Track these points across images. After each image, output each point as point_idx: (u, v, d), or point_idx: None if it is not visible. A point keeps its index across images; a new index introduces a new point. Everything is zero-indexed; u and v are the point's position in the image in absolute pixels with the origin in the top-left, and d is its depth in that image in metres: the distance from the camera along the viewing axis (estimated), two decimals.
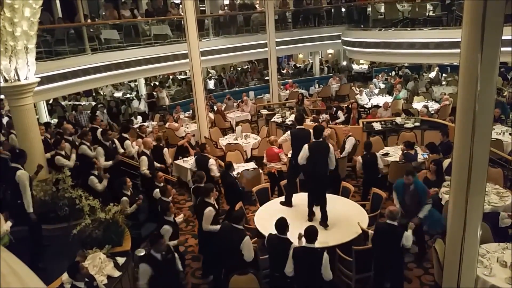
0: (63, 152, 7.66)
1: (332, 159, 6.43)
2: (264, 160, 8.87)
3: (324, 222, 6.42)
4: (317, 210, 6.72)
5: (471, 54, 4.05)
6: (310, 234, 4.99)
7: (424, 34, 13.20)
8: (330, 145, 6.52)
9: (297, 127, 7.08)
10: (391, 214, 5.33)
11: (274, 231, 5.30)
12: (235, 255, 5.30)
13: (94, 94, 18.08)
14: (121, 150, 8.62)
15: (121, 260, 5.47)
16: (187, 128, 12.40)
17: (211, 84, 18.56)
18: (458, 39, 4.27)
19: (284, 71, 21.07)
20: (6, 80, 6.41)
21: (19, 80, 6.47)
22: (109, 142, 8.22)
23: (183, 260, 6.32)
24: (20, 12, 6.03)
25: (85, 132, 8.33)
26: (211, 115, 13.11)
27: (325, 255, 4.88)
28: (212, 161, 8.06)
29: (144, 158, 8.12)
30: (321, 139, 6.56)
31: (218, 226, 5.92)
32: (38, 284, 1.86)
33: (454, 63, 15.92)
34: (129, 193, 6.83)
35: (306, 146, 6.45)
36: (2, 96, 7.35)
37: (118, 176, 7.31)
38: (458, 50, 4.25)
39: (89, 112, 13.90)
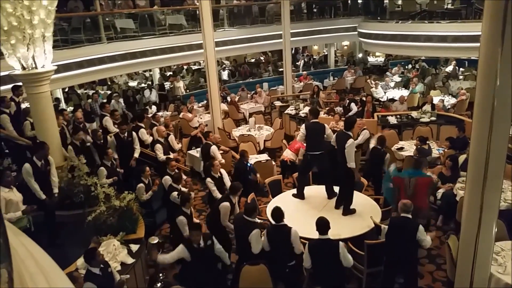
0: (77, 143, 7.71)
1: (348, 152, 6.31)
2: (287, 147, 9.12)
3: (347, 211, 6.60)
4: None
5: (491, 48, 3.97)
6: (322, 225, 5.04)
7: (442, 27, 12.97)
8: (350, 140, 6.37)
9: (312, 120, 7.04)
10: (404, 206, 5.29)
11: (287, 223, 5.35)
12: (246, 245, 5.40)
13: (109, 83, 18.21)
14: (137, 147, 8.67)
15: (134, 247, 5.56)
16: (201, 118, 12.44)
17: (224, 75, 18.56)
18: (477, 33, 4.18)
19: (299, 63, 20.94)
20: (23, 68, 6.48)
21: (36, 68, 6.52)
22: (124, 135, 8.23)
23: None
24: (38, 1, 6.08)
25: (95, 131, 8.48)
26: (224, 106, 13.12)
27: (341, 243, 4.98)
28: (214, 148, 8.31)
29: (158, 145, 8.39)
30: (348, 132, 6.50)
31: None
32: (54, 269, 1.88)
33: (472, 57, 15.62)
34: (146, 181, 6.95)
35: (335, 134, 6.68)
36: (20, 83, 7.43)
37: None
38: (477, 44, 4.17)
39: (105, 101, 14.03)
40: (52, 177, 6.32)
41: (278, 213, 5.31)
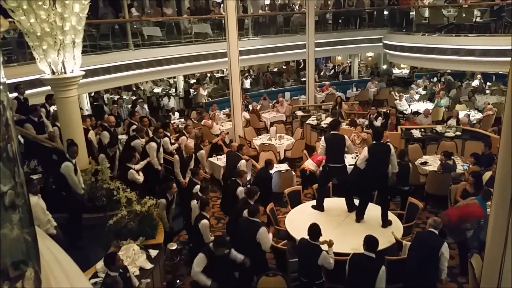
0: (110, 154, 7.77)
1: (393, 161, 6.36)
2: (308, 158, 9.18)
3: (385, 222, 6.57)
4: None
5: None
6: (371, 243, 4.94)
7: (469, 41, 12.74)
8: (392, 148, 6.44)
9: (331, 132, 7.01)
10: (434, 223, 5.27)
11: (305, 235, 5.30)
12: (254, 247, 5.47)
13: (134, 89, 18.55)
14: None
15: (153, 252, 5.60)
16: (222, 126, 12.52)
17: (247, 84, 18.66)
18: (506, 47, 4.13)
19: (322, 73, 20.88)
20: (53, 73, 6.67)
21: (65, 72, 6.71)
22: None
23: None
24: (70, 8, 6.26)
25: (141, 129, 8.57)
26: (246, 114, 13.18)
27: (383, 268, 4.81)
28: (243, 162, 8.21)
29: (176, 157, 8.14)
30: (382, 142, 6.54)
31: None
32: (77, 272, 1.92)
33: (500, 72, 15.29)
34: (170, 197, 6.85)
35: (365, 148, 6.63)
36: (49, 87, 7.63)
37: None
38: (506, 58, 4.12)
39: (129, 106, 14.28)
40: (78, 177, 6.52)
41: (315, 230, 5.23)
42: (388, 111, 12.05)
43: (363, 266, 4.92)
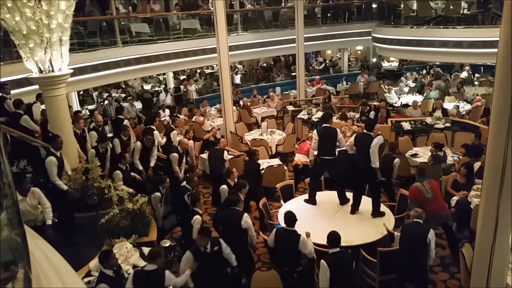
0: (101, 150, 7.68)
1: (372, 154, 6.30)
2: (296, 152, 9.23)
3: (376, 213, 6.60)
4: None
5: (509, 53, 3.91)
6: (333, 240, 5.01)
7: (457, 33, 12.85)
8: (376, 139, 6.39)
9: (323, 125, 7.04)
10: (416, 213, 5.43)
11: (298, 230, 5.36)
12: (240, 236, 5.59)
13: (123, 87, 18.38)
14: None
15: (146, 250, 5.56)
16: (213, 122, 12.49)
17: (237, 79, 18.61)
18: (493, 38, 4.16)
19: (312, 67, 20.89)
20: (41, 71, 6.59)
21: (53, 71, 6.63)
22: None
23: None
24: (56, 5, 6.17)
25: (125, 127, 8.50)
26: (234, 108, 13.14)
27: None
28: (226, 154, 8.39)
29: (175, 155, 8.14)
30: (370, 133, 6.53)
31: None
32: (69, 271, 1.91)
33: (488, 63, 15.42)
34: (163, 191, 6.94)
35: (353, 136, 6.79)
36: (36, 86, 7.54)
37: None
38: (493, 50, 4.11)
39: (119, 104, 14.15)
40: (66, 169, 6.50)
41: (290, 217, 5.38)
42: (377, 106, 12.10)
43: (338, 264, 4.96)
